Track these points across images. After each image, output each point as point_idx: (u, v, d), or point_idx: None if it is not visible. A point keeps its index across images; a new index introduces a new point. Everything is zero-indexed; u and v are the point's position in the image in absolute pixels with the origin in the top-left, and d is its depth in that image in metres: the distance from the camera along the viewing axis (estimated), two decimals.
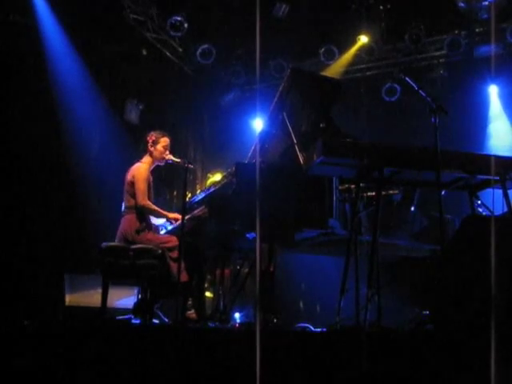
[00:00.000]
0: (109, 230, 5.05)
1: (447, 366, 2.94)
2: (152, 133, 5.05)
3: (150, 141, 4.99)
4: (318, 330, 4.53)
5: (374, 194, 4.41)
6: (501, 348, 2.64)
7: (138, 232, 4.76)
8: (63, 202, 6.70)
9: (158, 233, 5.11)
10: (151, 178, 5.01)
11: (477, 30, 7.79)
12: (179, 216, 4.70)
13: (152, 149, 4.99)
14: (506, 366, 2.71)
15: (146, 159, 5.02)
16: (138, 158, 5.07)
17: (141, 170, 4.91)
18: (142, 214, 4.85)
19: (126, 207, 4.90)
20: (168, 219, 4.94)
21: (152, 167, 5.04)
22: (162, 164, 5.08)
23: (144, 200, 4.82)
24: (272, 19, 7.68)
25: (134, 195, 4.84)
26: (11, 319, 4.17)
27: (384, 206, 4.27)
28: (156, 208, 4.93)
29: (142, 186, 4.82)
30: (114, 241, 4.80)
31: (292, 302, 7.24)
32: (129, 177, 4.91)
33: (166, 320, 4.99)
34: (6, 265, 5.95)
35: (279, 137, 4.99)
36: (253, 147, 5.25)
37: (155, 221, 5.08)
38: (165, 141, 5.02)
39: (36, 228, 6.34)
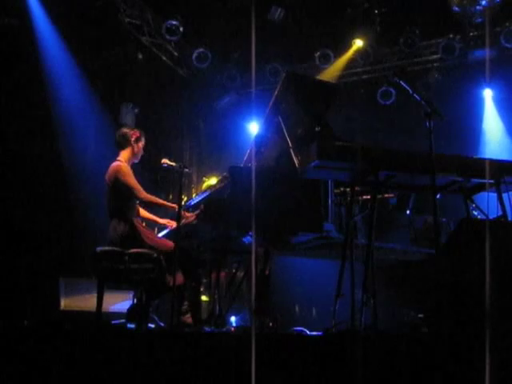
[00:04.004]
0: (104, 234, 5.02)
1: (442, 369, 2.94)
2: (136, 130, 4.99)
3: (134, 137, 4.91)
4: (314, 333, 4.53)
5: (369, 197, 4.43)
6: (496, 351, 2.65)
7: (123, 240, 4.60)
8: (59, 206, 6.69)
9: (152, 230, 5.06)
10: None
11: (471, 34, 7.85)
12: (188, 214, 4.67)
13: (134, 145, 4.91)
14: (502, 369, 2.72)
15: (123, 156, 4.87)
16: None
17: (123, 168, 4.75)
18: (126, 216, 4.68)
19: (109, 210, 4.78)
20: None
21: (130, 164, 4.88)
22: (137, 161, 4.99)
23: (142, 193, 4.70)
24: (268, 23, 7.70)
25: (119, 194, 4.70)
26: (11, 319, 4.16)
27: (379, 209, 4.27)
28: (159, 200, 4.86)
29: (132, 181, 4.70)
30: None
31: (288, 306, 7.23)
32: (110, 177, 4.74)
33: (162, 324, 4.98)
34: (1, 268, 5.93)
35: (275, 140, 4.99)
36: (248, 151, 5.25)
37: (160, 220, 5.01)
38: (143, 142, 4.99)
39: (31, 232, 6.33)
